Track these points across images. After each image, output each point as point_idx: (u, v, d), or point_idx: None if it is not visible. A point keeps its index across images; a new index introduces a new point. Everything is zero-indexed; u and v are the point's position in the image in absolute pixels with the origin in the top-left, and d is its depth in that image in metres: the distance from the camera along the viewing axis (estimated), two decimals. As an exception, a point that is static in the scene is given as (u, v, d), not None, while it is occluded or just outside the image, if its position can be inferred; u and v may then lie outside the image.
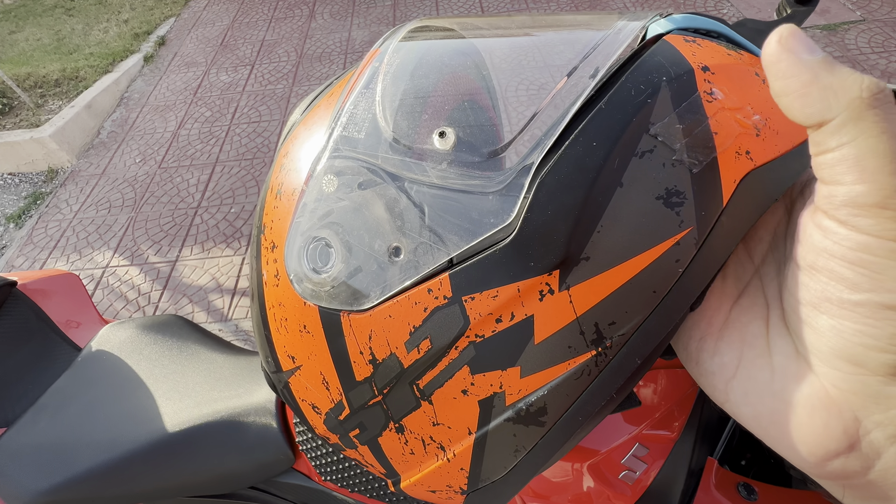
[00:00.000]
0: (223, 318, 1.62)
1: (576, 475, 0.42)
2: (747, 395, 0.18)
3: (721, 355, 0.20)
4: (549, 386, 0.18)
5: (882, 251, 0.14)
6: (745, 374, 0.19)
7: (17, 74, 2.75)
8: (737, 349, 0.19)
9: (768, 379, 0.18)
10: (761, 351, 0.18)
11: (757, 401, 0.18)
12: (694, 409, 0.43)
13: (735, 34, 0.22)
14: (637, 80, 0.18)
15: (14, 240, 2.07)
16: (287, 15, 3.14)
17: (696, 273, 0.17)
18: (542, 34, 0.25)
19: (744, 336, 0.19)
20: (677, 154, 0.17)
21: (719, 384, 0.20)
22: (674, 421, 0.43)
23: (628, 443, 0.42)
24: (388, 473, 0.25)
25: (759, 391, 0.18)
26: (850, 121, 0.14)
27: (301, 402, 0.25)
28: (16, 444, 0.56)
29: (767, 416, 0.18)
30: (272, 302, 0.24)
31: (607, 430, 0.42)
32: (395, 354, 0.20)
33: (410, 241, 0.19)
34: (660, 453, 0.42)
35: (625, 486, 0.42)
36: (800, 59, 0.15)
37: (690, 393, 0.44)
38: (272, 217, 0.24)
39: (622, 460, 0.42)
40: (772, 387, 0.18)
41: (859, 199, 0.14)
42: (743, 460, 0.50)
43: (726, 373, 0.19)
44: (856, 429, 0.16)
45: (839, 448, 0.16)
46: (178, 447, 0.55)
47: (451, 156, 0.19)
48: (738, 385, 0.19)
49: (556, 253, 0.17)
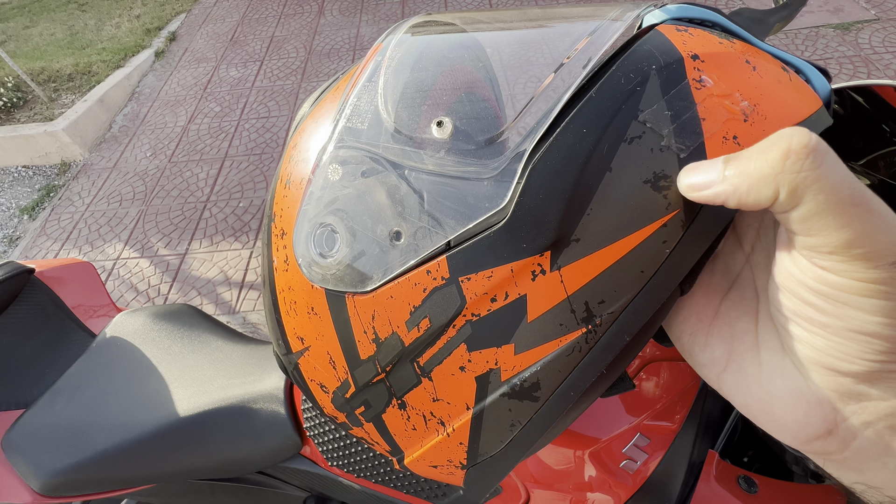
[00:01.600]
0: (231, 311, 1.64)
1: (577, 463, 0.43)
2: (737, 386, 0.20)
3: (712, 349, 0.21)
4: (542, 362, 0.19)
5: (842, 286, 0.15)
6: (735, 368, 0.20)
7: (32, 69, 2.79)
8: (727, 344, 0.20)
9: (756, 373, 0.19)
10: (750, 346, 0.19)
11: (746, 391, 0.19)
12: (696, 401, 0.44)
13: (729, 23, 0.23)
14: (627, 69, 0.19)
15: (28, 231, 2.11)
16: (296, 11, 3.15)
17: (682, 254, 0.18)
18: (540, 26, 0.26)
19: (733, 331, 0.20)
20: (665, 140, 0.18)
21: (711, 375, 0.21)
22: (675, 413, 0.43)
23: (630, 432, 0.42)
24: (392, 451, 0.26)
25: (748, 383, 0.19)
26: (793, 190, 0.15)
27: (310, 382, 0.26)
28: (33, 425, 0.59)
29: (756, 405, 0.19)
30: (282, 286, 0.25)
31: (609, 419, 0.43)
32: (396, 333, 0.21)
33: (410, 226, 0.20)
34: (661, 444, 0.43)
35: (626, 474, 0.42)
36: (714, 166, 0.16)
37: (692, 385, 0.44)
38: (282, 206, 0.25)
39: (623, 449, 0.42)
40: (759, 380, 0.19)
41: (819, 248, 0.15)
42: (745, 457, 0.50)
43: (717, 366, 0.20)
44: (833, 417, 0.17)
45: (819, 433, 0.18)
46: (188, 431, 0.57)
47: (449, 144, 0.20)
48: (728, 377, 0.20)
49: (548, 235, 0.18)
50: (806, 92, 0.21)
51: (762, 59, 0.21)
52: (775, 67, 0.21)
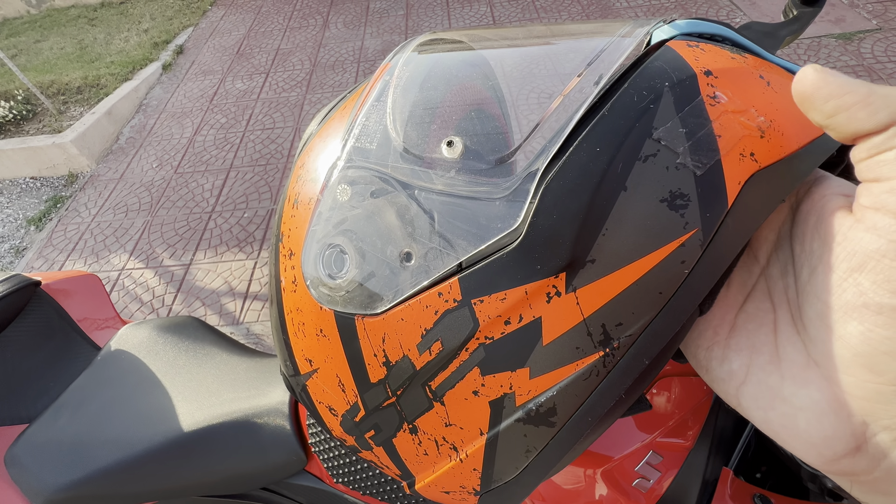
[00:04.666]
0: (235, 322, 1.64)
1: (589, 482, 0.42)
2: (758, 400, 0.19)
3: (730, 363, 0.20)
4: (559, 387, 0.19)
5: None
6: (755, 380, 0.19)
7: (42, 82, 2.83)
8: (745, 356, 0.19)
9: (778, 384, 0.18)
10: (770, 357, 0.19)
11: (767, 405, 0.19)
12: (709, 418, 0.43)
13: (740, 38, 0.22)
14: (640, 86, 0.18)
15: (34, 242, 2.13)
16: (301, 24, 3.19)
17: (702, 274, 0.18)
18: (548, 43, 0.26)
19: (752, 343, 0.19)
20: (681, 157, 0.17)
21: (731, 390, 0.20)
22: (688, 429, 0.42)
23: (642, 450, 0.42)
24: (402, 475, 0.25)
25: (770, 396, 0.18)
26: None
27: (318, 404, 0.26)
28: (37, 440, 0.58)
29: (778, 420, 0.18)
30: (290, 307, 0.25)
31: (620, 437, 0.42)
32: (407, 356, 0.21)
33: (421, 247, 0.20)
34: (674, 462, 0.42)
35: (638, 494, 0.41)
36: (847, 78, 0.16)
37: (705, 401, 0.43)
38: (289, 225, 0.25)
39: (636, 468, 0.41)
40: (781, 392, 0.18)
41: None
42: (758, 473, 0.49)
43: (736, 379, 0.20)
44: (863, 432, 0.16)
45: (846, 449, 0.17)
46: (192, 447, 0.56)
47: (459, 164, 0.20)
48: (748, 390, 0.19)
49: (562, 256, 0.18)
50: None
51: (775, 74, 0.20)
52: (789, 82, 0.20)
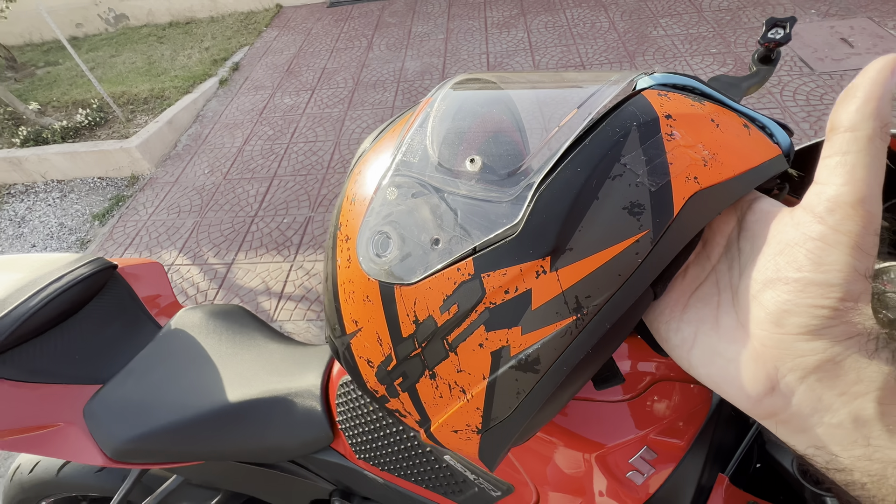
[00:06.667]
0: (269, 319, 1.74)
1: (586, 466, 0.45)
2: (702, 359, 0.25)
3: (682, 332, 0.26)
4: (542, 341, 0.25)
5: (832, 241, 0.19)
6: (700, 343, 0.25)
7: (114, 92, 3.12)
8: (694, 326, 0.26)
9: (716, 344, 0.24)
10: (712, 325, 0.25)
11: (709, 362, 0.24)
12: (707, 426, 0.46)
13: (706, 88, 0.29)
14: (615, 124, 0.25)
15: (97, 235, 2.33)
16: (347, 46, 3.39)
17: (651, 263, 0.24)
18: (557, 86, 0.32)
19: (700, 316, 0.26)
20: (640, 178, 0.23)
21: (683, 353, 0.26)
22: (684, 431, 0.45)
23: (636, 443, 0.45)
24: (421, 420, 0.32)
25: (711, 354, 0.24)
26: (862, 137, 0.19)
27: (359, 359, 0.32)
28: (109, 399, 0.68)
29: (717, 373, 0.24)
30: (343, 280, 0.32)
31: (615, 427, 0.45)
32: (431, 316, 0.27)
33: (446, 234, 0.27)
34: (668, 460, 0.45)
35: (632, 485, 0.44)
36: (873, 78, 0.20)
37: (702, 408, 0.46)
38: (347, 217, 0.32)
39: (630, 460, 0.45)
40: (718, 349, 0.24)
41: (840, 198, 0.19)
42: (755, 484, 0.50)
43: (687, 344, 0.26)
44: (775, 374, 0.21)
45: (764, 389, 0.21)
46: (234, 418, 0.63)
47: (478, 175, 0.27)
48: (696, 353, 0.25)
49: (549, 244, 0.24)
50: (762, 143, 0.26)
51: (726, 118, 0.26)
52: (737, 124, 0.26)
